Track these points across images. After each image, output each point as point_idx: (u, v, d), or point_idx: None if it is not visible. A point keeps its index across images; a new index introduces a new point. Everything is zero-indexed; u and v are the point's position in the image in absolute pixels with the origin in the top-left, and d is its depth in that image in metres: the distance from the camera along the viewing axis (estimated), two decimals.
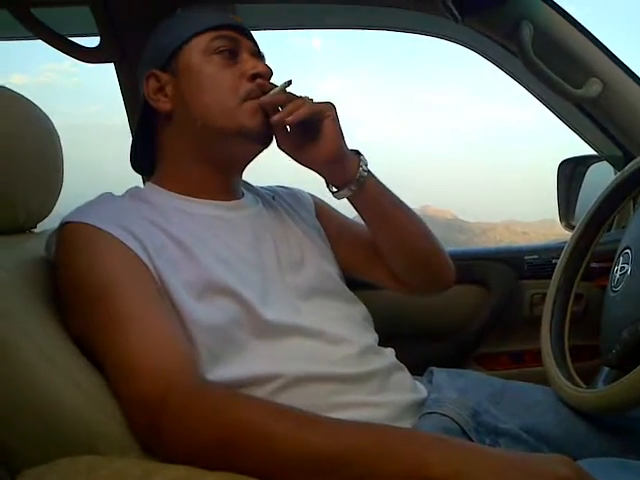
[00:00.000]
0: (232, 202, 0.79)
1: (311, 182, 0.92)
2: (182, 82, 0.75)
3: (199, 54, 0.75)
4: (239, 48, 0.77)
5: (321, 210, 0.94)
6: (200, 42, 0.75)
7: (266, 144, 0.77)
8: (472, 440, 0.70)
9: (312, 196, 0.96)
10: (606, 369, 0.80)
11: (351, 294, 0.83)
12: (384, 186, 0.81)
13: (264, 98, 0.74)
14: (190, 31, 0.76)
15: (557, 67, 1.07)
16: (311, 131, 0.74)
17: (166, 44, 0.77)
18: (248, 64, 0.75)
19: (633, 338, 0.76)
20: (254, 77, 0.75)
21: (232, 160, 0.79)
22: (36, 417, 0.55)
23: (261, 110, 0.74)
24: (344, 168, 0.76)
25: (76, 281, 0.63)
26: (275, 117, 0.72)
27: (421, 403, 0.75)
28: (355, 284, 0.87)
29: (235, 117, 0.73)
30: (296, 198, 0.92)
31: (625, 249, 0.86)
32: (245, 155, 0.79)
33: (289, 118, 0.71)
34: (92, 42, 1.13)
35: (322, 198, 0.95)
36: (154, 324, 0.60)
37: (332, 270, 0.82)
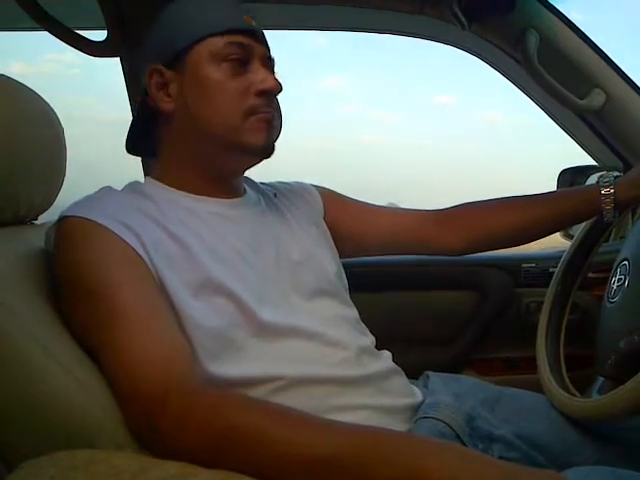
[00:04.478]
0: (233, 200, 0.78)
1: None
2: (187, 84, 0.72)
3: (209, 58, 0.70)
4: (250, 56, 0.72)
5: (331, 201, 0.92)
6: (212, 45, 0.70)
7: (268, 156, 0.75)
8: (465, 445, 0.70)
9: (320, 189, 0.94)
10: (601, 379, 0.81)
11: (346, 296, 0.83)
12: None
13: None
14: (203, 31, 0.71)
15: (561, 77, 1.08)
16: None
17: (174, 39, 0.72)
18: (257, 76, 0.71)
19: (629, 349, 0.76)
20: (262, 93, 0.71)
21: (232, 169, 0.77)
22: (32, 409, 0.55)
23: (265, 125, 0.72)
24: None
25: (74, 277, 0.62)
26: None
27: (417, 407, 0.75)
28: (352, 288, 0.86)
29: (239, 134, 0.71)
30: (298, 194, 0.90)
31: (623, 261, 0.86)
32: (246, 165, 0.77)
33: None
34: (98, 36, 1.13)
35: None
36: (153, 322, 0.60)
37: (331, 270, 0.81)
